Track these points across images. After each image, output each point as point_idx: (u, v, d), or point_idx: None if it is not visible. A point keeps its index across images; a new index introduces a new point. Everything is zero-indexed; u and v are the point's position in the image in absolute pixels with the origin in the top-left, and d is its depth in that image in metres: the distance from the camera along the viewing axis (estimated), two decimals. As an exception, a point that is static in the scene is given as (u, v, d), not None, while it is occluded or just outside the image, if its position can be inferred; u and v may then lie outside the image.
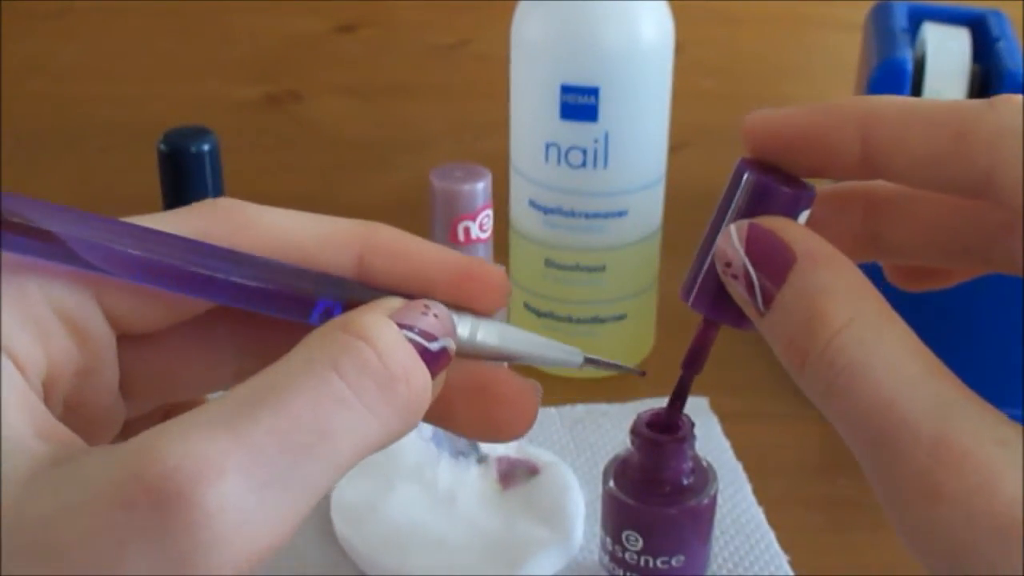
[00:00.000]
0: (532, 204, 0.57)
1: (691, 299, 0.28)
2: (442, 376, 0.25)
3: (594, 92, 0.53)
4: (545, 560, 0.46)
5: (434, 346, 0.24)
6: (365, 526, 0.47)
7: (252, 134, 0.82)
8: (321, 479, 0.22)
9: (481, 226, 0.53)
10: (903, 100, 0.26)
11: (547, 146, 0.55)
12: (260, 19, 0.82)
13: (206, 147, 0.51)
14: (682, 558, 0.43)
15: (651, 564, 0.43)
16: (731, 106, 0.83)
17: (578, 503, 0.49)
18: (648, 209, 0.58)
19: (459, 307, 0.27)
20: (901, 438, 0.22)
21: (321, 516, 0.49)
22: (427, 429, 0.51)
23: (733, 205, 0.27)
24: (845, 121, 0.26)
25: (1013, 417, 0.22)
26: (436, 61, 0.83)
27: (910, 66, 0.55)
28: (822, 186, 0.29)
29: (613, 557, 0.43)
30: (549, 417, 0.56)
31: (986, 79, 0.57)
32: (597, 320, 0.59)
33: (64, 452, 0.21)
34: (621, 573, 0.43)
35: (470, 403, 0.27)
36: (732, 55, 0.82)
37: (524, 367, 0.28)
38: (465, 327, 0.27)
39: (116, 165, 0.79)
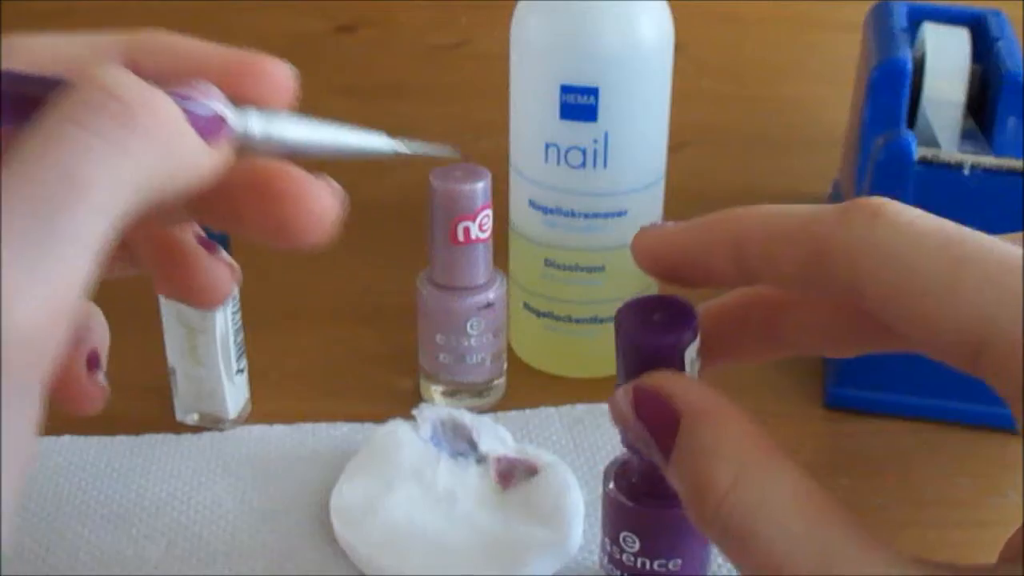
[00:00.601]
0: (532, 204, 0.57)
1: (624, 443, 0.30)
2: (225, 155, 0.25)
3: (594, 92, 0.53)
4: (544, 560, 0.46)
5: (197, 106, 0.24)
6: (364, 527, 0.47)
7: (252, 134, 0.82)
8: (88, 228, 0.21)
9: (481, 226, 0.53)
10: (767, 216, 0.26)
11: (547, 146, 0.55)
12: (260, 19, 0.82)
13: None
14: (679, 561, 0.42)
15: (648, 566, 0.42)
16: (731, 106, 0.84)
17: (577, 503, 0.48)
18: (648, 209, 0.58)
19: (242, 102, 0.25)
20: None
21: (321, 516, 0.49)
22: (426, 430, 0.51)
23: (623, 361, 0.28)
24: (717, 242, 0.26)
25: (1012, 418, 0.22)
26: (436, 61, 0.83)
27: (910, 66, 0.55)
28: (719, 297, 0.30)
29: (611, 559, 0.43)
30: (549, 417, 0.56)
31: (986, 79, 0.57)
32: (597, 320, 0.59)
33: None
34: (619, 575, 0.43)
35: (259, 203, 0.26)
36: (732, 55, 0.82)
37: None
38: (247, 118, 0.25)
39: (116, 165, 0.79)
